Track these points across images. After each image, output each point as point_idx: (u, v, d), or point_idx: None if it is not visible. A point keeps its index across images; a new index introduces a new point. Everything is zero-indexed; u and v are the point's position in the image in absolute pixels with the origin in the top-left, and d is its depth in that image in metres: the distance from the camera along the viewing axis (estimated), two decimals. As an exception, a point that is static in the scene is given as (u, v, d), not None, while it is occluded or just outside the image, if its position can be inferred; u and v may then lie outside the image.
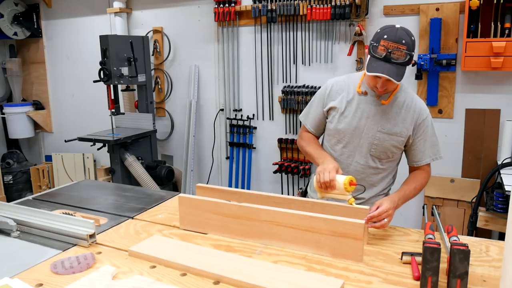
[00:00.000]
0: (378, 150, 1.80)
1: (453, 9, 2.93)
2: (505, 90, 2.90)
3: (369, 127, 1.78)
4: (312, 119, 1.94)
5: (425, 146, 1.80)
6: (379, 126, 1.77)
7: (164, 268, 1.38)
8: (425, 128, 1.79)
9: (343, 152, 1.85)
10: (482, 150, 3.03)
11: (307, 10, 3.28)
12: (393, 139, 1.78)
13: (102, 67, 3.51)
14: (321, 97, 1.90)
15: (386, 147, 1.79)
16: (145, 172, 3.68)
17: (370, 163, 1.83)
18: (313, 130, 1.96)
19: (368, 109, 1.78)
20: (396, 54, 1.58)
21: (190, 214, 1.68)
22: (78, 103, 4.76)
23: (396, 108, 1.77)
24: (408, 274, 1.33)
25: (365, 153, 1.82)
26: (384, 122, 1.77)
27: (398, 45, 1.57)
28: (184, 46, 4.05)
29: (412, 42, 1.61)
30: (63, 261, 1.41)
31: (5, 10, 4.55)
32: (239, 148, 3.91)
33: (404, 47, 1.58)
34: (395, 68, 1.59)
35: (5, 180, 4.64)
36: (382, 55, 1.59)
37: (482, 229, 2.81)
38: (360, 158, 1.83)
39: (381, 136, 1.78)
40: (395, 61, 1.58)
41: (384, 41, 1.59)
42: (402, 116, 1.77)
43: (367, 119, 1.78)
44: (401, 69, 1.60)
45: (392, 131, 1.77)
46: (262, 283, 1.23)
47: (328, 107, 1.86)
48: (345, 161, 1.85)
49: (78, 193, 2.23)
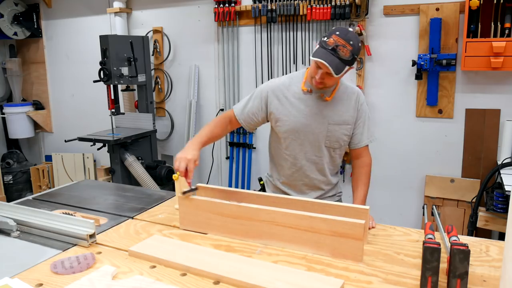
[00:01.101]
0: (332, 140, 1.92)
1: (453, 9, 2.93)
2: (505, 90, 2.90)
3: (319, 122, 1.89)
4: (247, 115, 1.98)
5: (363, 129, 1.95)
6: (328, 119, 1.90)
7: (164, 268, 1.38)
8: (364, 112, 1.95)
9: (300, 149, 1.94)
10: (482, 150, 3.03)
11: (307, 10, 3.28)
12: (343, 128, 1.92)
13: (102, 67, 3.51)
14: (261, 101, 1.95)
15: (338, 137, 1.92)
16: (145, 172, 3.68)
17: (326, 154, 1.95)
18: (243, 122, 2.00)
19: (315, 106, 1.89)
20: (342, 50, 1.68)
21: (190, 214, 1.68)
22: (78, 103, 4.76)
23: (339, 100, 1.91)
24: (408, 274, 1.33)
25: (321, 145, 1.93)
26: (332, 115, 1.90)
27: (346, 43, 1.68)
28: (184, 46, 4.05)
29: (358, 48, 1.72)
30: (63, 261, 1.41)
31: (5, 10, 4.55)
32: (239, 148, 3.91)
33: (350, 48, 1.69)
34: (338, 61, 1.69)
35: (5, 180, 4.64)
36: (330, 47, 1.69)
37: (482, 229, 2.81)
38: (317, 151, 1.94)
39: (331, 127, 1.90)
40: (339, 56, 1.68)
41: (335, 36, 1.70)
42: (346, 105, 1.91)
43: (316, 115, 1.89)
44: (342, 65, 1.70)
45: (340, 120, 1.91)
46: (262, 283, 1.23)
47: (270, 113, 1.94)
48: (303, 157, 1.94)
49: (78, 193, 2.22)
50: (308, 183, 1.98)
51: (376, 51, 3.23)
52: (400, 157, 3.30)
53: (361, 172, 1.98)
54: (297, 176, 1.98)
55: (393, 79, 3.23)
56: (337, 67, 1.69)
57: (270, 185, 2.12)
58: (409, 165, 3.28)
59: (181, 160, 1.73)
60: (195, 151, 1.79)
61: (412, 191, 3.31)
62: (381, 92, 3.27)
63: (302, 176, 1.97)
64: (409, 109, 3.21)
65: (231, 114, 2.02)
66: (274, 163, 2.06)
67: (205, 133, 1.93)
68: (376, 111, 3.31)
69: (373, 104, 3.30)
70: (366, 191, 1.94)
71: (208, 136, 1.93)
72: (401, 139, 3.28)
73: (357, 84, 3.28)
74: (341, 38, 1.68)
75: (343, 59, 1.69)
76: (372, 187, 2.74)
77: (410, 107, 3.20)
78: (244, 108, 1.99)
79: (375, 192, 3.33)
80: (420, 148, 3.23)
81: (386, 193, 3.36)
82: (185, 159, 1.73)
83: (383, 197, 3.36)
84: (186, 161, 1.73)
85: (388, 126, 3.29)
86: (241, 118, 1.99)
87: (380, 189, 3.35)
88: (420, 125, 3.20)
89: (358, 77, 3.30)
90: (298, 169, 1.96)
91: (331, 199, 2.02)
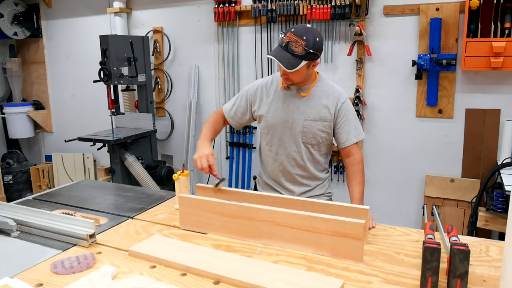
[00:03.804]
0: (308, 136, 1.98)
1: (453, 9, 2.93)
2: (505, 90, 2.90)
3: (296, 117, 1.97)
4: (234, 114, 2.12)
5: (349, 128, 1.99)
6: (304, 115, 1.96)
7: (164, 268, 1.38)
8: (346, 111, 1.99)
9: (280, 145, 2.02)
10: (482, 150, 3.03)
11: (307, 10, 3.28)
12: (319, 124, 1.97)
13: (102, 67, 3.51)
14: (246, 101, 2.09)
15: (315, 133, 1.97)
16: (145, 172, 3.68)
17: (304, 150, 2.01)
18: (231, 120, 2.13)
19: (292, 102, 1.97)
20: (293, 46, 1.77)
21: (190, 214, 1.68)
22: (78, 103, 4.76)
23: (316, 97, 1.97)
24: (408, 274, 1.33)
25: (298, 141, 1.99)
26: (308, 111, 1.96)
27: (298, 39, 1.77)
28: (184, 46, 4.05)
29: (313, 42, 1.78)
30: (63, 261, 1.41)
31: (5, 10, 4.55)
32: (239, 148, 3.91)
33: (303, 43, 1.77)
34: (290, 56, 1.77)
35: (5, 180, 4.64)
36: (283, 43, 1.80)
37: (482, 229, 2.81)
38: (295, 147, 2.00)
39: (308, 123, 1.96)
40: (291, 51, 1.77)
41: (289, 33, 1.79)
42: (323, 102, 1.97)
43: (293, 111, 1.97)
44: (295, 60, 1.78)
45: (317, 117, 1.96)
46: (262, 283, 1.23)
47: (254, 111, 2.07)
48: (283, 152, 2.02)
49: (78, 193, 2.23)
50: (290, 178, 2.05)
51: (376, 51, 3.23)
52: (400, 157, 3.30)
53: (353, 171, 2.00)
54: (278, 172, 2.06)
55: (393, 79, 3.23)
56: (289, 62, 1.77)
57: (260, 182, 2.20)
58: (409, 165, 3.28)
59: (201, 159, 1.84)
60: (209, 147, 1.91)
61: (412, 191, 3.31)
62: (381, 92, 3.27)
63: (283, 171, 2.05)
64: (409, 109, 3.21)
65: (221, 112, 2.15)
66: (262, 160, 2.16)
67: (209, 131, 2.05)
68: (376, 111, 3.31)
69: (373, 104, 3.30)
70: (362, 189, 1.96)
71: (212, 133, 2.07)
72: (401, 139, 3.28)
73: (357, 84, 3.28)
74: (294, 35, 1.77)
75: (296, 54, 1.77)
76: (372, 187, 2.75)
77: (410, 107, 3.20)
78: (232, 108, 2.12)
79: (375, 192, 3.34)
80: (420, 148, 3.23)
81: (386, 193, 3.36)
82: (204, 156, 1.84)
83: (383, 197, 3.36)
84: (205, 157, 1.84)
85: (388, 126, 3.29)
86: (229, 117, 2.13)
87: (380, 189, 3.35)
88: (420, 125, 3.20)
89: (358, 77, 3.30)
90: (279, 164, 2.04)
91: (319, 198, 2.04)
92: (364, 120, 3.31)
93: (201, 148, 1.90)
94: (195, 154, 1.87)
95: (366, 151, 3.34)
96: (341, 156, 2.14)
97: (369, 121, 3.33)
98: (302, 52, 1.76)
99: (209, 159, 1.83)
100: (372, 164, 3.31)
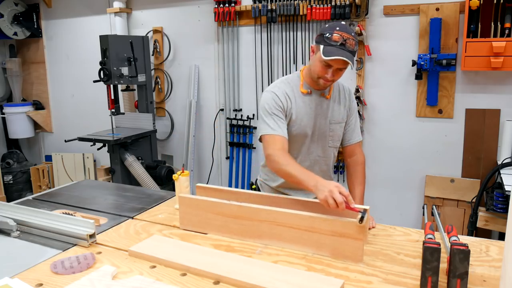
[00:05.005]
0: (334, 140, 1.95)
1: (453, 9, 2.93)
2: (505, 90, 2.90)
3: (321, 123, 1.90)
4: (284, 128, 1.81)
5: (355, 125, 1.98)
6: (329, 119, 1.91)
7: (164, 268, 1.38)
8: (354, 109, 1.97)
9: (306, 152, 1.92)
10: (482, 150, 3.03)
11: (307, 10, 3.28)
12: (341, 126, 1.94)
13: (102, 67, 3.51)
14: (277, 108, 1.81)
15: (338, 135, 1.95)
16: (145, 172, 3.68)
17: (329, 152, 1.97)
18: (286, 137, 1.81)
19: (318, 107, 1.88)
20: (349, 43, 1.69)
21: (190, 214, 1.68)
22: (78, 103, 4.76)
23: (336, 98, 1.92)
24: (408, 274, 1.33)
25: (325, 146, 1.94)
26: (332, 114, 1.91)
27: (350, 36, 1.70)
28: (184, 46, 4.05)
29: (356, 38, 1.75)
30: (63, 261, 1.41)
31: (5, 10, 4.55)
32: (239, 148, 3.91)
33: (354, 39, 1.71)
34: (350, 55, 1.69)
35: (5, 180, 4.64)
36: (338, 43, 1.68)
37: (482, 229, 2.81)
38: (321, 152, 1.95)
39: (333, 127, 1.92)
40: (349, 49, 1.69)
41: (338, 32, 1.69)
42: (342, 103, 1.93)
43: (320, 115, 1.89)
44: (353, 58, 1.71)
45: (339, 119, 1.92)
46: (262, 283, 1.23)
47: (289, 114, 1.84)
48: (307, 158, 1.93)
49: (78, 193, 2.22)
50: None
51: (376, 51, 3.23)
52: (400, 157, 3.30)
53: (355, 171, 1.98)
54: None
55: (393, 79, 3.23)
56: (352, 61, 1.71)
57: (266, 189, 2.04)
58: (409, 165, 3.28)
59: (333, 193, 1.45)
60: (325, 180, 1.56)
61: (412, 191, 3.31)
62: (381, 92, 3.27)
63: None
64: (409, 109, 3.21)
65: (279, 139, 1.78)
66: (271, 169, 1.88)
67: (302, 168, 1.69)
68: (376, 111, 3.31)
69: (373, 104, 3.30)
70: (362, 189, 1.94)
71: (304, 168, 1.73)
72: (401, 139, 3.27)
73: (357, 84, 3.28)
74: (344, 32, 1.69)
75: (353, 51, 1.71)
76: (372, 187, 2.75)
77: (410, 107, 3.20)
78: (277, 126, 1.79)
79: (375, 192, 3.34)
80: (420, 148, 3.23)
81: (386, 193, 3.36)
82: (335, 189, 1.46)
83: (383, 197, 3.36)
84: (336, 189, 1.46)
85: (388, 126, 3.29)
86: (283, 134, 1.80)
87: (380, 189, 3.35)
88: (420, 125, 3.20)
89: (358, 77, 3.30)
90: None
91: None
92: (364, 120, 3.31)
93: (323, 183, 1.51)
94: (320, 194, 1.48)
95: (366, 151, 3.33)
96: (342, 156, 2.11)
97: (369, 121, 3.33)
98: (354, 48, 1.71)
99: (340, 189, 1.46)
100: (372, 164, 3.31)
